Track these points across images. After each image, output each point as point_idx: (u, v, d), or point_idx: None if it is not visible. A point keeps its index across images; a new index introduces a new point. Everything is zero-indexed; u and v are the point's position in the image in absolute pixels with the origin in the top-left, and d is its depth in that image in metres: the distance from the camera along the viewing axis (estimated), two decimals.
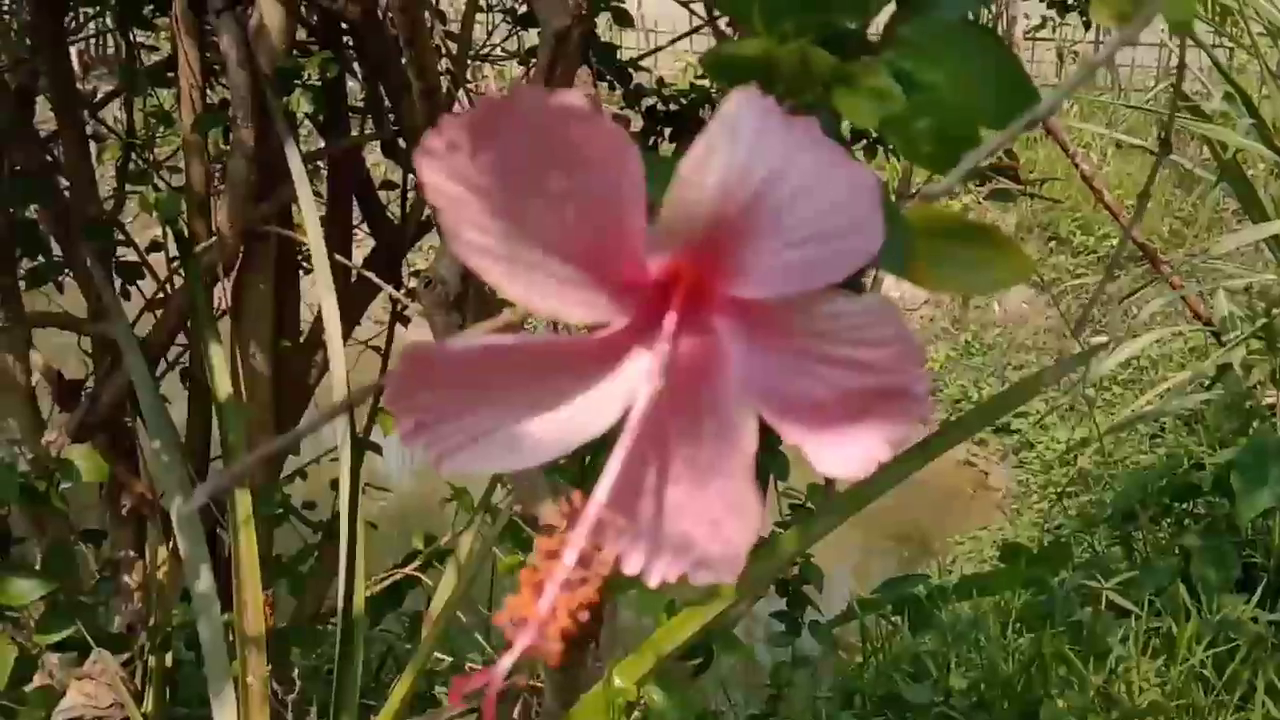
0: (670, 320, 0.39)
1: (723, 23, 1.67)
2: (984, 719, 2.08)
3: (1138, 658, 2.12)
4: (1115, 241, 5.79)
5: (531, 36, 2.59)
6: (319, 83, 1.60)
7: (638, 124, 2.10)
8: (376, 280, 1.77)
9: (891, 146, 0.43)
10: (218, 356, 1.63)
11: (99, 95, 2.21)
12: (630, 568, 0.42)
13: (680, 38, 2.36)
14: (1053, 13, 2.64)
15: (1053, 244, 6.09)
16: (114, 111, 2.27)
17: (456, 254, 0.35)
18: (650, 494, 0.41)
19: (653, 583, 0.42)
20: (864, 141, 1.90)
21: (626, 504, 0.41)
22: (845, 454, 0.39)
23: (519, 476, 1.02)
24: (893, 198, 0.40)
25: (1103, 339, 5.04)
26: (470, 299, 0.97)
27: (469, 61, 2.41)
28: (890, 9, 0.47)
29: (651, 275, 0.38)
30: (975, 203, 5.59)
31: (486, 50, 2.69)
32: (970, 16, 0.46)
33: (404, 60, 1.13)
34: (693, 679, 1.50)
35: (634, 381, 0.40)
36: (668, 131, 2.12)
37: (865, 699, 2.29)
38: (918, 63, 0.44)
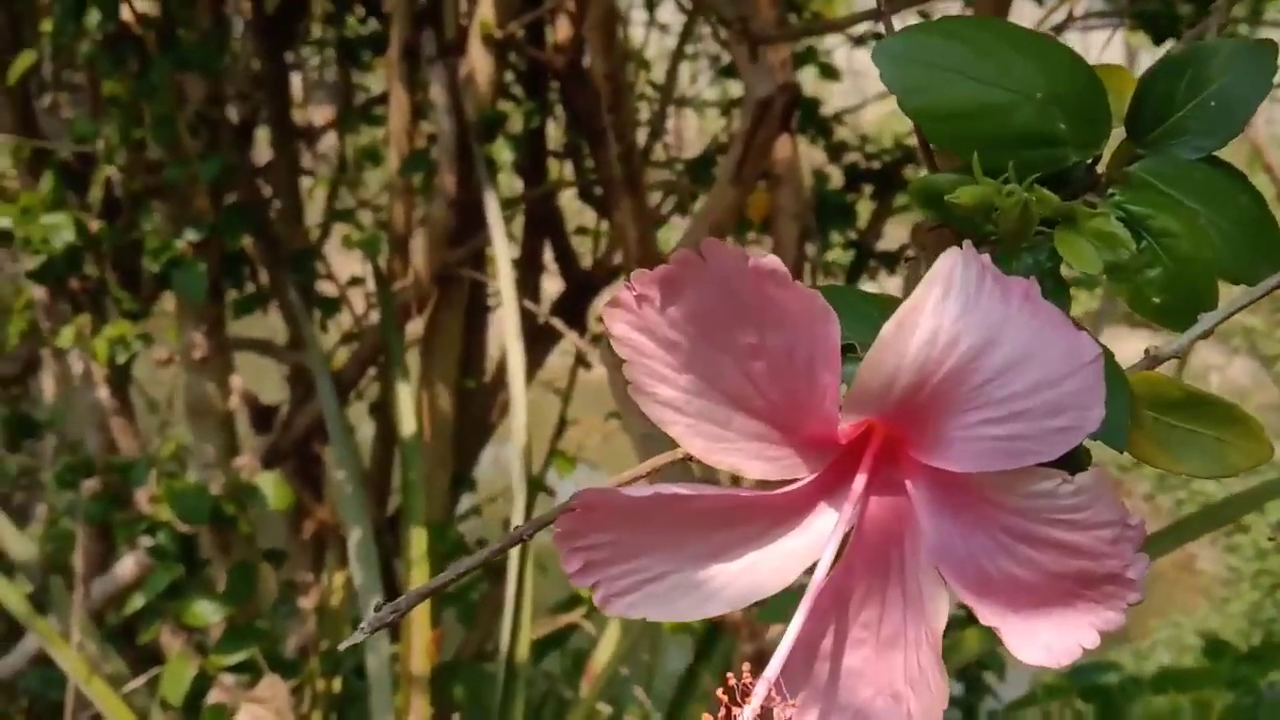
0: (859, 481, 0.36)
1: None
2: None
3: None
4: None
5: (736, 85, 2.59)
6: (522, 132, 1.62)
7: (838, 180, 2.07)
8: (561, 327, 1.78)
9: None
10: (404, 394, 1.66)
11: (314, 126, 2.31)
12: None
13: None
14: None
15: None
16: (328, 141, 2.37)
17: (640, 405, 0.33)
18: (828, 658, 0.39)
19: None
20: None
21: (801, 665, 0.39)
22: (1047, 642, 0.35)
23: None
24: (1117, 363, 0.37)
25: None
26: None
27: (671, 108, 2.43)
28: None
29: (842, 435, 0.35)
30: None
31: (690, 96, 2.70)
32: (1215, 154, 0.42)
33: (604, 123, 1.13)
34: None
35: (817, 539, 0.37)
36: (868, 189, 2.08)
37: None
38: (1153, 206, 0.40)
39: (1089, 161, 0.42)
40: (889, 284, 2.09)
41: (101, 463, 1.65)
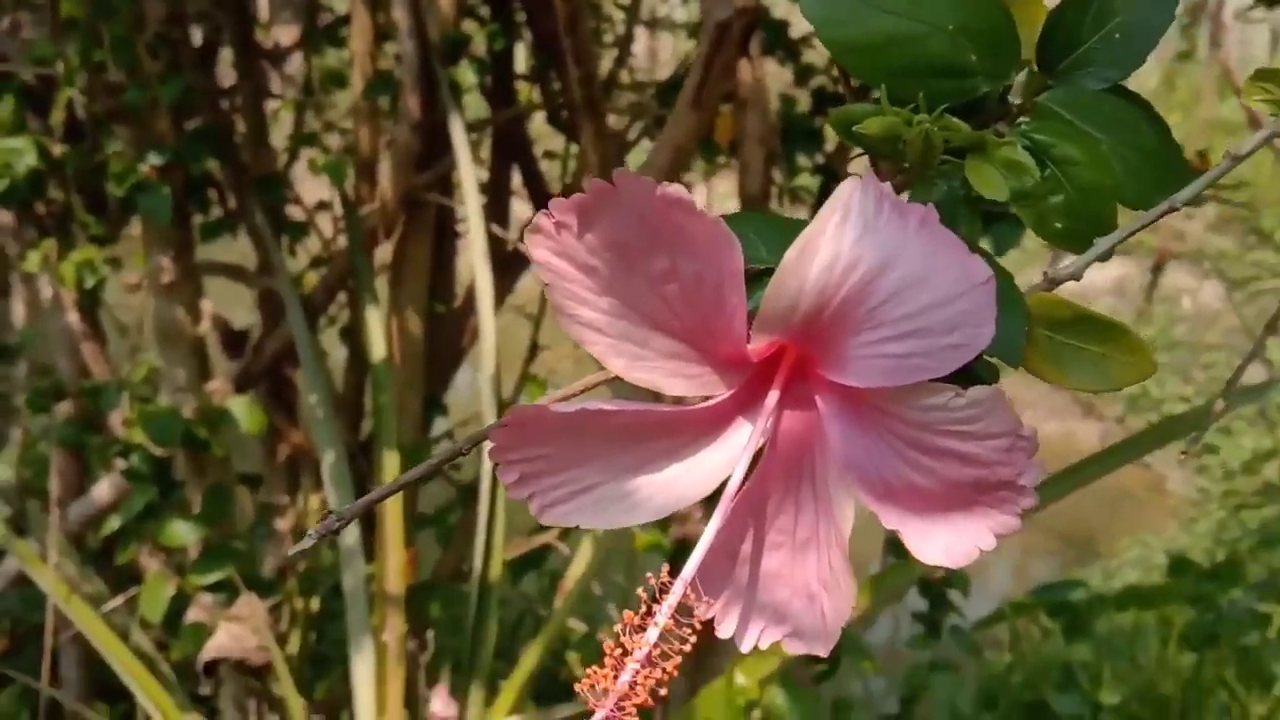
0: (772, 397, 0.39)
1: None
2: None
3: None
4: None
5: None
6: (486, 54, 1.61)
7: (806, 103, 2.07)
8: (529, 253, 1.80)
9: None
10: (374, 319, 1.68)
11: (280, 46, 2.28)
12: (723, 631, 0.42)
13: None
14: None
15: (1253, 238, 5.74)
16: (295, 63, 2.34)
17: (563, 327, 0.35)
18: (747, 561, 0.42)
19: (745, 648, 0.42)
20: None
21: (722, 568, 0.42)
22: (945, 543, 0.38)
23: None
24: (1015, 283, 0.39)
25: None
26: None
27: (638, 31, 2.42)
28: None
29: (754, 353, 0.38)
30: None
31: (660, 18, 2.69)
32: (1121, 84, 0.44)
33: (564, 46, 1.14)
34: (817, 684, 1.49)
35: (734, 452, 0.40)
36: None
37: (1009, 704, 2.24)
38: (1056, 135, 0.42)
39: (1000, 91, 0.44)
40: None
41: (73, 387, 1.67)
